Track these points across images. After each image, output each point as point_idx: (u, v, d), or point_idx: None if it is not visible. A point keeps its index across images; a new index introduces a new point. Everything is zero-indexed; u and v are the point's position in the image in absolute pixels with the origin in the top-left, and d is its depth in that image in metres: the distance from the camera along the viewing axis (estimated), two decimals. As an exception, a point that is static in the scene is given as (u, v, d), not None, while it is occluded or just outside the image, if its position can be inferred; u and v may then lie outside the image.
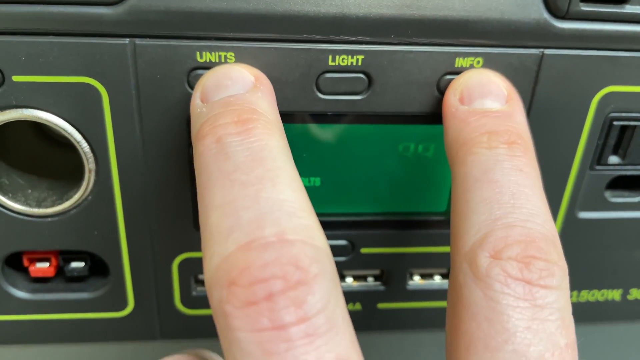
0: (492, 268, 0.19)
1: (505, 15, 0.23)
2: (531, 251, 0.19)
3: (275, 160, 0.19)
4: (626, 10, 0.24)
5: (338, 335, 0.17)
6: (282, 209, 0.18)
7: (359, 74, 0.24)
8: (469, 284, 0.19)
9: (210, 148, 0.20)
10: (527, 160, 0.21)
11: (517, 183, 0.21)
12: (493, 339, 0.18)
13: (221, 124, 0.20)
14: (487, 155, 0.21)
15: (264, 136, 0.20)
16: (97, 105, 0.23)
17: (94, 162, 0.24)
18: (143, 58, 0.22)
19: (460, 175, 0.22)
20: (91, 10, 0.21)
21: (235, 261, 0.17)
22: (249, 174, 0.19)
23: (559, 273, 0.19)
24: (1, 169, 0.26)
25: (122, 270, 0.27)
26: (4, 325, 0.28)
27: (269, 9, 0.22)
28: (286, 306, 0.16)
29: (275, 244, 0.17)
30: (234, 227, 0.18)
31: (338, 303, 0.17)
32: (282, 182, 0.19)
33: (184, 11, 0.22)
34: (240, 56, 0.23)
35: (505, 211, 0.20)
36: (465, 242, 0.20)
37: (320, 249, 0.18)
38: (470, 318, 0.19)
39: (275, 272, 0.17)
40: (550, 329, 0.18)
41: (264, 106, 0.21)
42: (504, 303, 0.19)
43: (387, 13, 0.22)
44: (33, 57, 0.22)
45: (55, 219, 0.25)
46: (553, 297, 0.19)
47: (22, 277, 0.28)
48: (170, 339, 0.30)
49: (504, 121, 0.22)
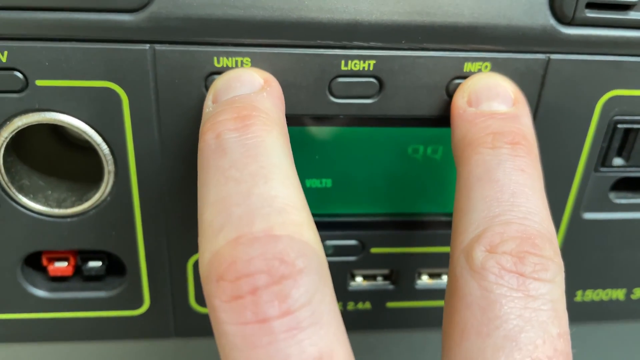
0: (487, 261, 0.19)
1: (513, 22, 0.24)
2: (526, 247, 0.20)
3: (270, 157, 0.20)
4: (630, 17, 0.24)
5: (322, 329, 0.17)
6: (272, 205, 0.18)
7: (371, 79, 0.24)
8: (465, 276, 0.20)
9: (210, 144, 0.20)
10: (530, 161, 0.22)
11: (517, 182, 0.21)
12: (485, 326, 0.19)
13: (221, 120, 0.21)
14: (491, 155, 0.22)
15: (261, 132, 0.20)
16: (117, 109, 0.24)
17: (113, 164, 0.25)
18: (162, 63, 0.23)
19: (465, 173, 0.22)
20: (113, 17, 0.22)
21: (223, 256, 0.18)
22: (242, 171, 0.19)
23: (553, 268, 0.20)
24: (22, 170, 0.26)
25: (139, 270, 0.28)
26: (23, 323, 0.29)
27: (284, 16, 0.23)
28: (270, 300, 0.17)
29: (262, 239, 0.18)
30: (224, 223, 0.18)
31: (324, 297, 0.18)
32: (274, 179, 0.19)
33: (202, 18, 0.22)
34: (256, 61, 0.23)
35: (504, 209, 0.20)
36: (464, 237, 0.21)
37: (307, 244, 0.18)
38: (464, 307, 0.20)
39: (260, 266, 0.17)
40: (542, 317, 0.19)
41: (266, 105, 0.21)
42: (498, 292, 0.19)
43: (399, 20, 0.23)
44: (56, 62, 0.23)
45: (75, 219, 0.26)
46: (546, 289, 0.19)
47: (41, 276, 0.29)
48: (185, 337, 0.30)
49: (510, 123, 0.23)
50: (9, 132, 0.24)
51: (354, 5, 0.23)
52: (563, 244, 0.30)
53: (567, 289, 0.32)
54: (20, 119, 0.23)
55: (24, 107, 0.23)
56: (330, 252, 0.29)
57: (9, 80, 0.23)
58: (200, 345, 0.31)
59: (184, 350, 0.31)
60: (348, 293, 0.30)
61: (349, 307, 0.31)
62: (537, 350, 0.18)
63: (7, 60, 0.22)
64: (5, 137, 0.24)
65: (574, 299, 0.32)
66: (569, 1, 0.23)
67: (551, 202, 0.28)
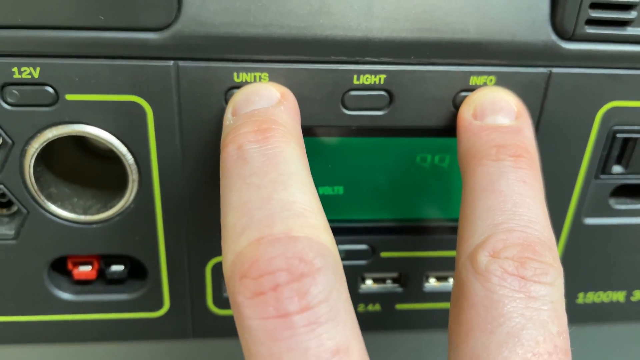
0: (491, 264, 0.20)
1: (516, 38, 0.25)
2: (527, 253, 0.21)
3: (288, 165, 0.21)
4: (628, 32, 0.25)
5: (339, 324, 0.18)
6: (291, 210, 0.19)
7: (381, 92, 0.26)
8: (470, 279, 0.21)
9: (232, 154, 0.21)
10: (531, 172, 0.23)
11: (520, 193, 0.22)
12: (489, 324, 0.20)
13: (242, 132, 0.22)
14: (495, 167, 0.23)
15: (280, 144, 0.21)
16: (142, 121, 0.25)
17: (137, 173, 0.26)
18: (185, 78, 0.24)
19: (470, 184, 0.23)
20: (139, 36, 0.23)
21: (246, 256, 0.19)
22: (263, 178, 0.20)
23: (553, 272, 0.21)
24: (50, 179, 0.27)
25: (159, 273, 0.29)
26: (49, 325, 0.30)
27: (300, 34, 0.24)
28: (290, 296, 0.18)
29: (282, 239, 0.19)
30: (246, 226, 0.19)
31: (340, 295, 0.19)
32: (293, 185, 0.20)
33: (223, 36, 0.23)
34: (273, 76, 0.25)
35: (507, 217, 0.21)
36: (469, 244, 0.22)
37: (324, 246, 0.19)
38: (470, 307, 0.21)
39: (280, 265, 0.18)
40: (542, 316, 0.20)
41: (284, 118, 0.23)
42: (501, 293, 0.20)
43: (408, 36, 0.24)
44: (85, 78, 0.24)
45: (100, 225, 0.27)
46: (546, 291, 0.20)
47: (66, 280, 0.30)
48: (203, 338, 0.31)
49: (513, 136, 0.24)
50: (40, 143, 0.25)
51: (366, 24, 0.24)
52: (565, 248, 0.31)
53: (569, 291, 0.33)
54: (50, 131, 0.25)
55: (54, 119, 0.25)
56: (342, 256, 0.30)
57: (41, 94, 0.24)
58: (217, 346, 0.32)
59: (201, 351, 0.32)
60: (359, 295, 0.31)
61: (360, 308, 0.32)
62: (538, 346, 0.19)
63: (40, 76, 0.24)
64: (36, 148, 0.25)
65: (576, 301, 0.33)
66: (569, 18, 0.24)
67: (553, 207, 0.29)
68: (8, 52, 0.23)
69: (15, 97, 0.24)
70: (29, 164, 0.25)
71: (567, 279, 0.32)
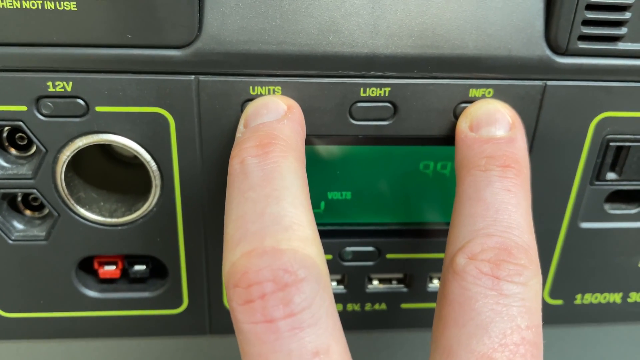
0: (468, 265, 0.22)
1: (512, 53, 0.26)
2: (503, 256, 0.22)
3: (283, 180, 0.22)
4: (619, 47, 0.26)
5: (320, 329, 0.20)
6: (280, 223, 0.21)
7: (386, 103, 0.27)
8: (449, 279, 0.22)
9: (236, 168, 0.23)
10: (518, 181, 0.24)
11: (502, 201, 0.23)
12: (462, 317, 0.21)
13: (245, 147, 0.23)
14: (482, 177, 0.24)
15: (278, 159, 0.22)
16: (165, 131, 0.27)
17: (160, 179, 0.28)
18: (205, 91, 0.26)
19: (459, 193, 0.25)
20: (164, 53, 0.25)
21: (238, 267, 0.20)
22: (259, 193, 0.22)
23: (527, 273, 0.22)
24: (79, 184, 0.30)
25: (179, 272, 0.31)
26: (77, 321, 0.32)
27: (311, 51, 0.25)
28: (275, 304, 0.20)
29: (270, 252, 0.20)
30: (241, 238, 0.21)
31: (324, 302, 0.20)
32: (285, 200, 0.22)
33: (240, 53, 0.25)
34: (286, 89, 0.26)
35: (487, 223, 0.23)
36: (452, 248, 0.23)
37: (309, 257, 0.20)
38: (447, 304, 0.22)
39: (267, 276, 0.20)
40: (512, 312, 0.21)
41: (286, 132, 0.24)
42: (474, 291, 0.21)
43: (411, 52, 0.26)
44: (114, 91, 0.26)
45: (124, 227, 0.29)
46: (518, 290, 0.21)
47: (92, 279, 0.32)
48: (219, 334, 0.33)
49: (504, 147, 0.25)
50: (71, 151, 0.27)
51: (372, 41, 0.26)
52: (562, 251, 0.32)
53: (568, 293, 0.34)
54: (80, 140, 0.27)
55: (85, 129, 0.27)
56: (350, 258, 0.32)
57: (73, 106, 0.26)
58: (232, 342, 0.33)
59: (218, 347, 0.34)
60: (366, 295, 0.33)
61: (367, 308, 0.33)
62: (505, 338, 0.20)
63: (72, 90, 0.26)
64: (68, 155, 0.27)
65: (574, 302, 0.34)
66: (563, 34, 0.26)
67: (550, 212, 0.31)
68: (43, 68, 0.25)
69: (50, 108, 0.26)
70: (61, 170, 0.27)
71: (565, 281, 0.34)
